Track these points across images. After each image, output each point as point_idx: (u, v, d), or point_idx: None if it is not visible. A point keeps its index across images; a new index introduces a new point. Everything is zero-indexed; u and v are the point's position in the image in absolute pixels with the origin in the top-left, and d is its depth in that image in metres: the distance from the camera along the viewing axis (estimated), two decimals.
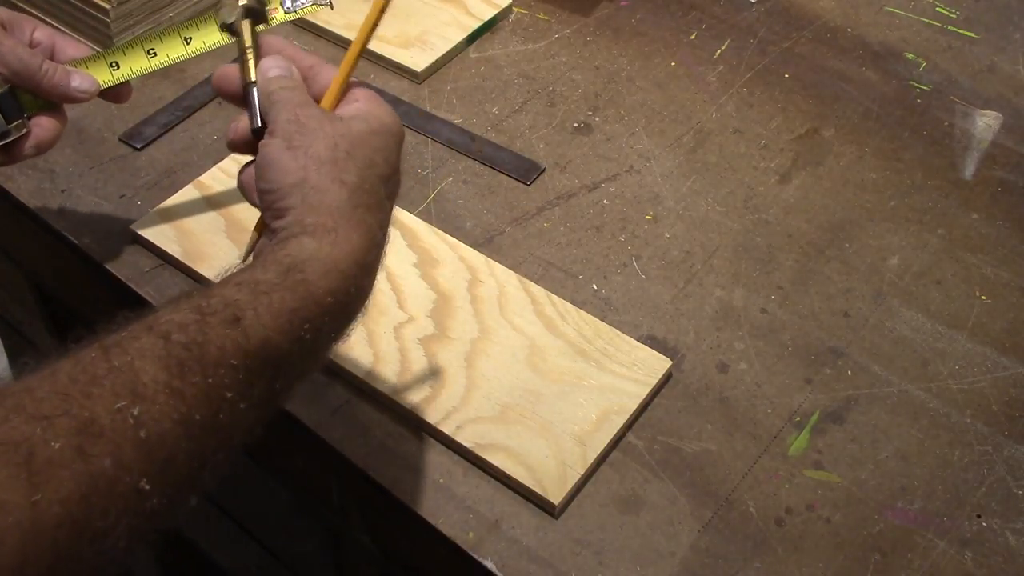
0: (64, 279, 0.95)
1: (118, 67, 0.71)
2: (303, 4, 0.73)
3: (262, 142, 0.55)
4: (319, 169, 0.52)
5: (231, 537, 1.14)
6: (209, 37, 0.73)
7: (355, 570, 0.95)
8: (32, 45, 0.69)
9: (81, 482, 0.39)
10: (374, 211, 0.53)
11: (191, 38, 0.73)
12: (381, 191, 0.54)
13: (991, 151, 0.90)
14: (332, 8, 0.75)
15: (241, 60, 0.61)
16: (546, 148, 0.89)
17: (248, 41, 0.62)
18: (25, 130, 0.68)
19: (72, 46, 0.70)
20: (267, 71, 0.59)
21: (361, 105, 0.57)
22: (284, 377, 0.48)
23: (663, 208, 0.84)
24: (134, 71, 0.72)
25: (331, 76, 0.59)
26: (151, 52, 0.72)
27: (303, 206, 0.51)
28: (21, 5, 1.01)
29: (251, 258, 0.55)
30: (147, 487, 0.41)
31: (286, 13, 0.74)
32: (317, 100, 0.59)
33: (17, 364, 1.40)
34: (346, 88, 0.60)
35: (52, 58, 0.69)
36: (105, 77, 0.71)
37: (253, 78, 0.60)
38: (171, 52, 0.72)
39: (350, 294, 0.51)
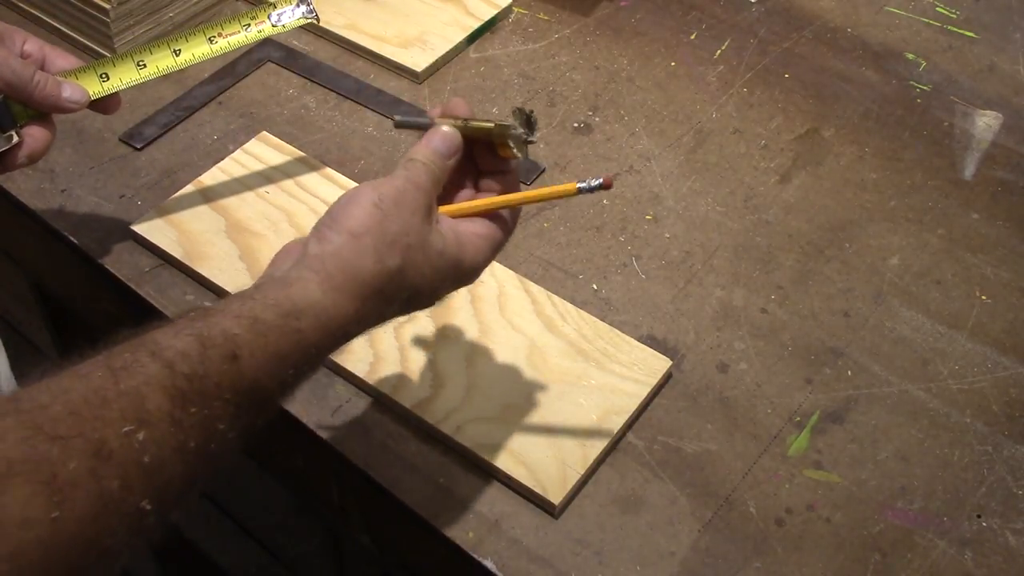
0: (64, 279, 0.95)
1: (107, 78, 0.72)
2: (291, 19, 0.74)
3: (364, 183, 0.56)
4: (376, 241, 0.54)
5: (231, 537, 1.14)
6: (197, 49, 0.74)
7: (355, 570, 0.95)
8: (23, 57, 0.69)
9: (94, 502, 0.41)
10: (383, 303, 0.55)
11: (180, 50, 0.74)
12: (403, 296, 0.56)
13: (991, 151, 0.90)
14: (318, 22, 0.76)
15: (462, 120, 0.60)
16: (546, 148, 0.89)
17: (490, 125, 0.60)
18: (17, 140, 0.68)
19: (62, 57, 0.71)
20: (436, 138, 0.59)
21: (469, 234, 0.58)
22: (266, 412, 0.51)
23: (663, 208, 0.84)
24: (123, 82, 0.73)
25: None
26: (140, 64, 0.73)
27: (337, 253, 0.53)
28: (22, 6, 1.01)
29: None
30: (148, 507, 0.43)
31: (273, 27, 0.75)
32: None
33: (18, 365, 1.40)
34: (489, 213, 0.60)
35: (42, 69, 0.69)
36: (95, 88, 0.71)
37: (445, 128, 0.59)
38: (160, 64, 0.74)
39: (328, 349, 0.53)
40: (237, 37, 0.75)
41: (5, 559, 0.38)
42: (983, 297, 0.79)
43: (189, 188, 0.84)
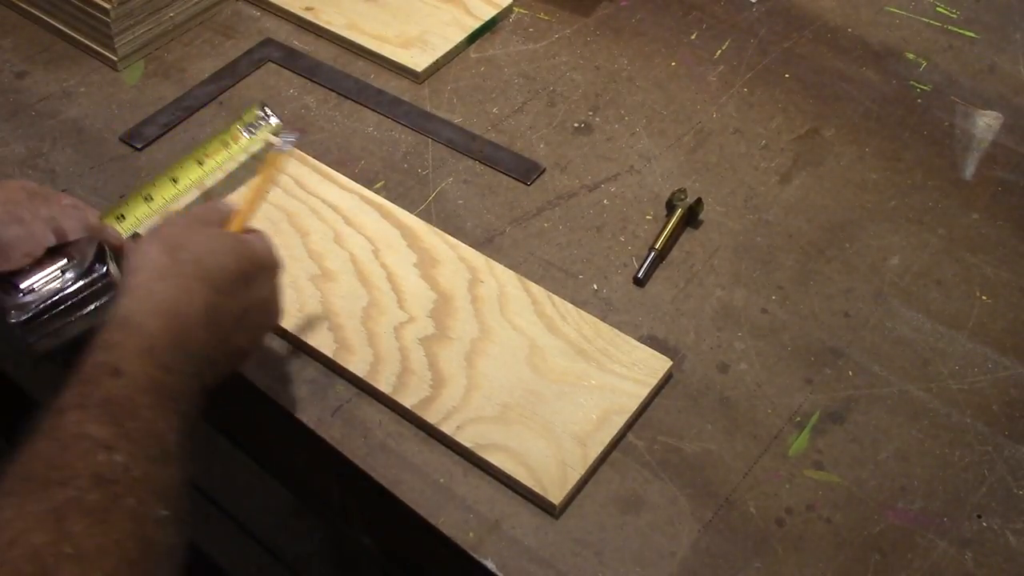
0: None
1: (124, 219, 0.78)
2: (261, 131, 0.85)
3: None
4: (158, 244, 0.62)
5: (231, 537, 1.14)
6: (192, 174, 0.81)
7: (355, 570, 0.95)
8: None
9: (126, 517, 0.50)
10: (212, 292, 0.60)
11: (151, 196, 0.80)
12: (220, 280, 0.61)
13: (991, 151, 0.90)
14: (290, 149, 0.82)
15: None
16: (546, 148, 0.89)
17: None
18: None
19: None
20: None
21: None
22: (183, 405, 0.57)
23: (663, 208, 0.84)
24: (138, 220, 0.79)
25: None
26: (148, 198, 0.79)
27: (137, 270, 0.61)
28: (22, 5, 1.01)
29: None
30: (164, 513, 0.51)
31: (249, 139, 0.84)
32: None
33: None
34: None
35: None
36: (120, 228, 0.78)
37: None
38: (164, 194, 0.80)
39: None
40: (221, 154, 0.83)
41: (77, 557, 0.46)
42: (983, 297, 0.79)
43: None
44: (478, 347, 0.73)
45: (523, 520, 0.66)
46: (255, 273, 0.63)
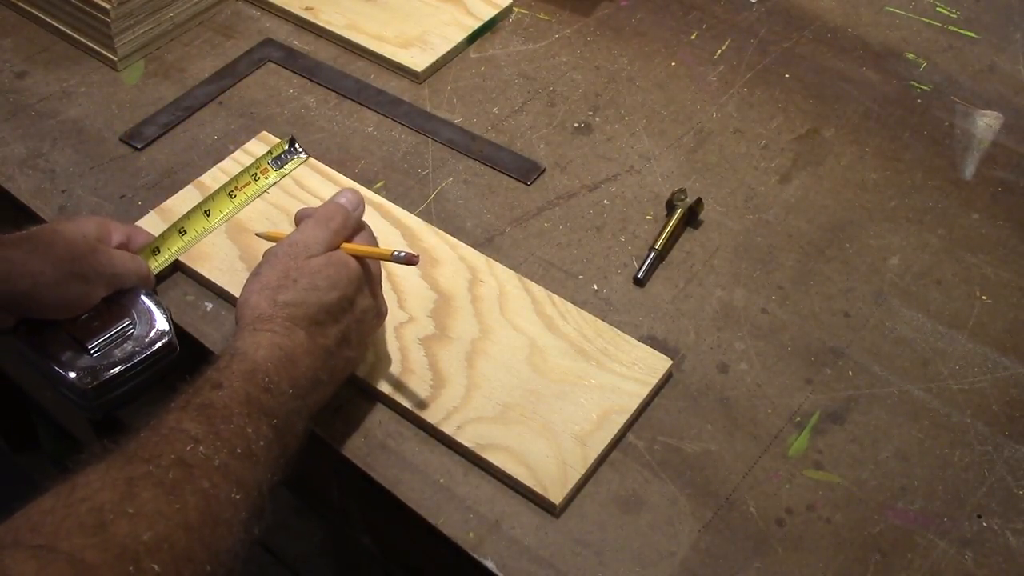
0: None
1: (159, 252, 0.78)
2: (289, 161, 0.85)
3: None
4: (260, 292, 0.65)
5: None
6: (224, 206, 0.82)
7: (355, 570, 0.95)
8: (118, 246, 0.75)
9: (198, 495, 0.54)
10: (313, 325, 0.64)
11: (185, 229, 0.80)
12: (320, 314, 0.65)
13: (991, 151, 0.90)
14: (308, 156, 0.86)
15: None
16: (546, 148, 0.89)
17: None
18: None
19: (140, 234, 0.78)
20: (339, 197, 0.72)
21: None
22: (274, 418, 0.61)
23: (663, 208, 0.84)
24: (172, 252, 0.79)
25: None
26: (182, 231, 0.80)
27: (242, 319, 0.65)
28: (22, 5, 1.01)
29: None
30: (237, 497, 0.55)
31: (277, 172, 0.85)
32: None
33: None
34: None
35: (128, 248, 0.76)
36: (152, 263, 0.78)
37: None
38: (197, 227, 0.80)
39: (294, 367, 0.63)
40: (251, 188, 0.84)
41: (155, 542, 0.49)
42: (983, 297, 0.79)
43: (189, 188, 0.84)
44: (478, 347, 0.73)
45: (523, 520, 0.66)
46: (354, 295, 0.67)
